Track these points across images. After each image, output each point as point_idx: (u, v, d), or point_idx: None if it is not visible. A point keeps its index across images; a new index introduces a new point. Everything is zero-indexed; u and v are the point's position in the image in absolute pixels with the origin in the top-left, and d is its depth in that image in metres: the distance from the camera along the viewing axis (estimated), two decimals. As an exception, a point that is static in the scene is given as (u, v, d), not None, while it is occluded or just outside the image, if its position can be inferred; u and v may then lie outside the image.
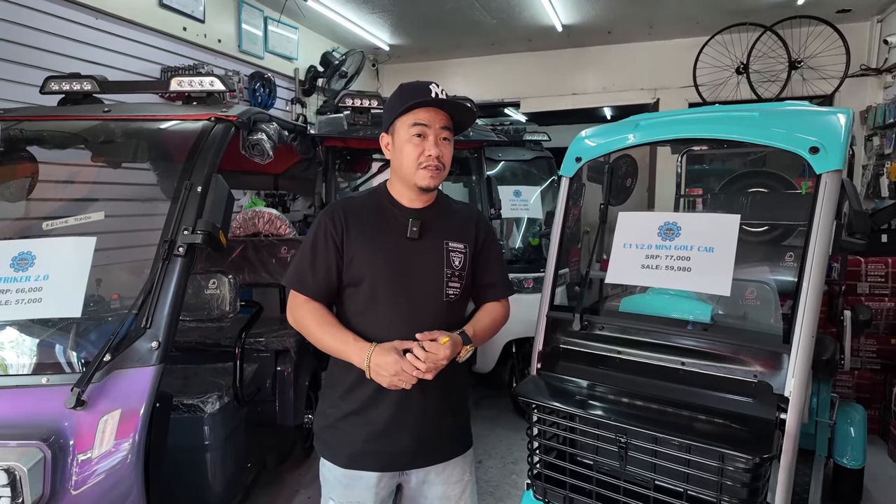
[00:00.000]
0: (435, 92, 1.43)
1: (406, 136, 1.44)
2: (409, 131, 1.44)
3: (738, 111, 1.99)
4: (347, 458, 1.49)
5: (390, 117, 1.48)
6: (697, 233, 1.76)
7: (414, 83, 1.48)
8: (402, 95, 1.47)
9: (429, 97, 1.42)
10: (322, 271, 1.47)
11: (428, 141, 1.44)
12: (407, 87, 1.48)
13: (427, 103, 1.43)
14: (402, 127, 1.45)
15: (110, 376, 1.61)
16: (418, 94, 1.43)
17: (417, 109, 1.43)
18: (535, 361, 1.93)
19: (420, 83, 1.46)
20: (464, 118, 1.51)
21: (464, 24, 5.30)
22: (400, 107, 1.43)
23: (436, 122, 1.44)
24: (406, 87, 1.48)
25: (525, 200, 4.50)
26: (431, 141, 1.44)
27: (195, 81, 2.28)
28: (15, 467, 1.42)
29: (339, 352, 1.44)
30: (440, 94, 1.44)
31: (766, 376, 1.54)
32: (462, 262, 1.53)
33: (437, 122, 1.44)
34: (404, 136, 1.45)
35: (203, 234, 1.75)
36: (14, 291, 1.68)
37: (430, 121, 1.44)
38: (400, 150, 1.46)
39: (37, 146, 2.24)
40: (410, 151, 1.44)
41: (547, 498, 1.76)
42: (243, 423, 2.67)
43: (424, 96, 1.42)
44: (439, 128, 1.45)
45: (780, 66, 5.03)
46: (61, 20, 3.15)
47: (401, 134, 1.46)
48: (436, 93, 1.43)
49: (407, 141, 1.44)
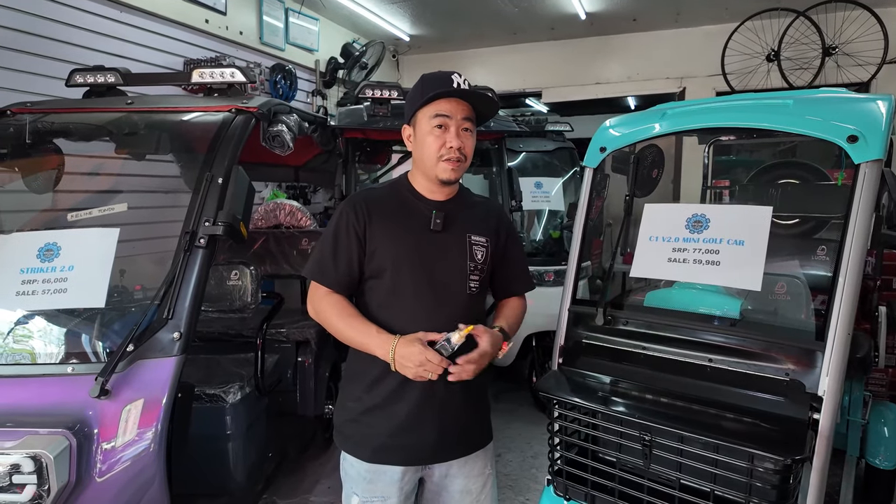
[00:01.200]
0: (457, 82, 1.41)
1: (427, 127, 1.43)
2: (431, 122, 1.42)
3: (771, 99, 1.91)
4: (371, 452, 1.48)
5: (412, 109, 1.47)
6: (727, 225, 1.70)
7: (436, 73, 1.45)
8: (423, 86, 1.44)
9: (450, 87, 1.40)
10: (344, 263, 1.45)
11: (449, 132, 1.42)
12: (429, 77, 1.46)
13: (448, 94, 1.40)
14: (424, 118, 1.43)
15: (133, 366, 1.63)
16: (440, 85, 1.41)
17: (439, 100, 1.41)
18: (556, 356, 1.90)
19: (442, 73, 1.44)
20: (486, 109, 1.49)
21: (485, 13, 5.22)
22: (421, 98, 1.42)
23: (457, 112, 1.42)
24: (428, 78, 1.46)
25: (546, 192, 4.44)
26: (453, 132, 1.42)
27: (216, 73, 2.29)
28: (41, 454, 1.44)
29: (362, 344, 1.43)
30: (462, 84, 1.42)
31: (798, 374, 1.49)
32: (484, 256, 1.51)
33: (458, 113, 1.42)
34: (426, 128, 1.43)
35: (224, 225, 1.75)
36: (41, 282, 1.71)
37: (452, 112, 1.42)
38: (421, 142, 1.45)
39: (62, 138, 2.28)
40: (432, 143, 1.42)
41: (568, 495, 1.73)
42: (264, 412, 2.70)
43: (446, 87, 1.40)
44: (461, 118, 1.43)
45: (813, 53, 4.85)
46: (86, 13, 3.18)
47: (422, 125, 1.44)
48: (458, 83, 1.41)
49: (428, 132, 1.43)
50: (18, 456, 1.44)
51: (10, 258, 1.75)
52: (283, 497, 2.94)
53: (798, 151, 3.75)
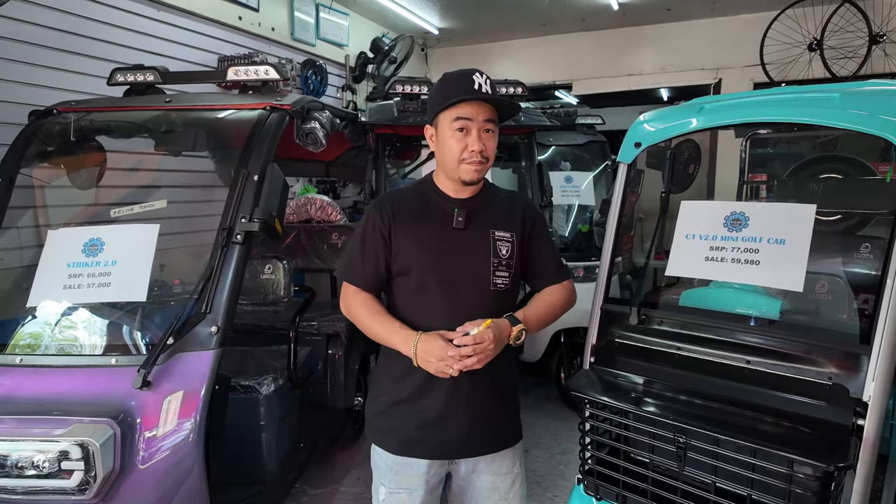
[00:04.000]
0: (478, 83, 1.41)
1: (449, 130, 1.43)
2: (452, 126, 1.42)
3: (815, 92, 1.84)
4: (398, 444, 1.51)
5: (433, 110, 1.47)
6: (767, 224, 1.65)
7: (456, 74, 1.45)
8: (444, 89, 1.45)
9: (472, 91, 1.40)
10: (371, 263, 1.49)
11: (471, 135, 1.42)
12: (450, 78, 1.47)
13: (469, 99, 1.41)
14: (445, 121, 1.44)
15: (173, 359, 1.68)
16: (461, 88, 1.41)
17: (460, 104, 1.41)
18: (587, 355, 1.88)
19: (463, 74, 1.43)
20: (508, 108, 1.50)
21: (515, 5, 5.17)
22: (443, 102, 1.42)
23: (479, 115, 1.42)
24: (449, 79, 1.47)
25: (576, 186, 4.38)
26: (474, 135, 1.42)
27: (250, 71, 2.32)
28: (89, 442, 1.51)
29: (387, 339, 1.47)
30: (484, 86, 1.41)
31: (841, 378, 1.44)
32: (509, 251, 1.51)
33: (480, 116, 1.42)
34: (447, 131, 1.44)
35: (260, 222, 1.79)
36: (86, 276, 1.77)
37: (473, 114, 1.42)
38: (443, 144, 1.46)
39: (104, 136, 2.35)
40: (453, 146, 1.43)
41: (599, 494, 1.72)
42: (297, 404, 2.75)
43: (467, 91, 1.40)
44: (482, 121, 1.43)
45: (858, 41, 4.64)
46: (126, 13, 3.27)
47: (444, 128, 1.45)
48: (479, 84, 1.41)
49: (450, 135, 1.43)
50: (67, 443, 1.51)
51: (57, 253, 1.82)
52: (313, 487, 3.00)
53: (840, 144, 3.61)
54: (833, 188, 3.08)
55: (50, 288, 1.78)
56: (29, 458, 1.51)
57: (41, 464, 1.51)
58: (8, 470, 1.52)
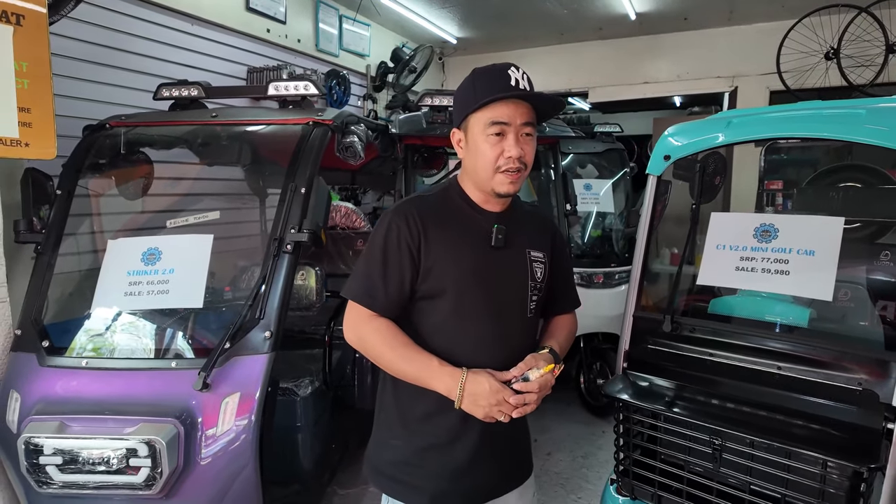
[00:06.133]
0: (515, 79, 1.21)
1: (482, 135, 1.24)
2: (487, 130, 1.23)
3: (841, 108, 1.91)
4: (430, 497, 1.31)
5: (463, 112, 1.28)
6: (797, 235, 1.73)
7: (489, 69, 1.25)
8: (476, 86, 1.25)
9: (509, 88, 1.21)
10: (395, 283, 1.26)
11: (508, 140, 1.23)
12: (482, 74, 1.26)
13: (507, 97, 1.21)
14: (478, 124, 1.25)
15: (230, 362, 1.78)
16: (496, 85, 1.21)
17: (495, 104, 1.22)
18: (620, 360, 1.96)
19: (496, 69, 1.24)
20: (549, 107, 1.31)
21: (533, 15, 5.25)
22: (475, 102, 1.23)
23: (517, 117, 1.23)
24: (481, 75, 1.26)
25: (595, 194, 4.45)
26: (512, 140, 1.23)
27: (290, 86, 2.42)
28: (155, 440, 1.61)
29: (419, 378, 1.24)
30: (522, 81, 1.22)
31: (871, 384, 1.51)
32: (542, 274, 1.38)
33: (518, 118, 1.23)
34: (480, 136, 1.25)
35: (309, 232, 1.88)
36: (145, 283, 1.88)
37: (511, 117, 1.22)
38: (475, 150, 1.26)
39: (151, 149, 2.46)
40: (487, 152, 1.24)
41: (634, 494, 1.79)
42: (330, 406, 2.84)
43: (504, 88, 1.21)
44: (521, 124, 1.23)
45: (875, 50, 4.68)
46: (162, 27, 3.39)
47: (475, 132, 1.26)
48: (516, 80, 1.21)
49: (483, 140, 1.24)
50: (135, 441, 1.61)
51: (117, 261, 1.93)
52: (343, 487, 3.09)
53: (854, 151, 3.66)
54: (852, 197, 3.14)
55: (112, 294, 1.89)
56: (99, 456, 1.61)
57: (111, 460, 1.61)
58: (80, 466, 1.62)
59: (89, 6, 2.87)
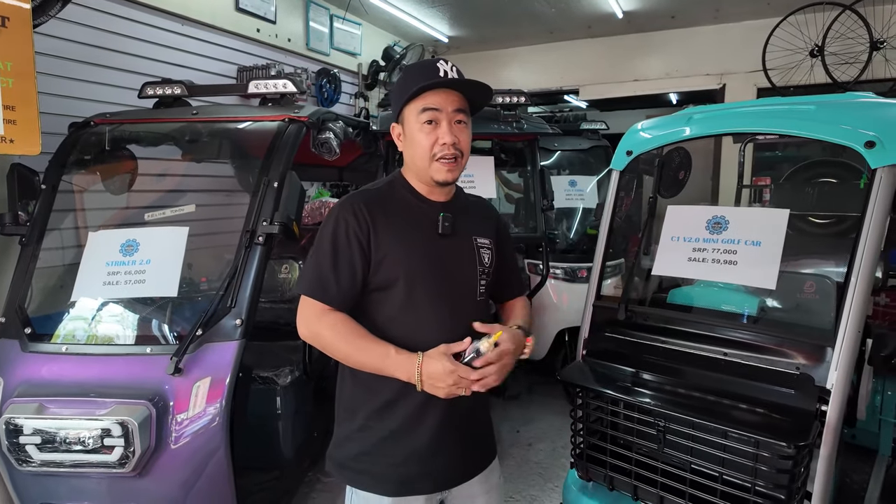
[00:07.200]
0: (443, 70, 1.26)
1: (416, 124, 1.29)
2: (419, 119, 1.28)
3: (795, 104, 1.97)
4: (397, 485, 1.33)
5: (398, 105, 1.32)
6: (745, 227, 1.79)
7: (420, 63, 1.33)
8: (407, 79, 1.30)
9: (436, 78, 1.25)
10: (346, 276, 1.28)
11: (441, 127, 1.27)
12: (413, 68, 1.33)
13: (435, 85, 1.26)
14: (411, 114, 1.29)
15: (201, 349, 1.86)
16: (425, 76, 1.26)
17: (426, 93, 1.27)
18: (580, 348, 2.03)
19: (426, 63, 1.29)
20: (480, 97, 1.35)
21: (522, 14, 5.32)
22: (406, 92, 1.27)
23: (448, 105, 1.28)
24: (411, 69, 1.33)
25: (581, 190, 4.51)
26: (445, 127, 1.27)
27: (269, 84, 2.50)
28: (128, 421, 1.69)
29: (378, 367, 1.27)
30: (450, 72, 1.26)
31: (808, 369, 1.57)
32: (490, 259, 1.43)
33: (449, 105, 1.28)
34: (414, 125, 1.29)
35: (280, 225, 1.96)
36: (123, 273, 1.96)
37: (442, 104, 1.27)
38: (412, 141, 1.31)
39: (135, 145, 2.55)
40: (423, 140, 1.28)
41: (589, 476, 1.86)
42: (311, 396, 2.92)
43: (431, 77, 1.25)
44: (452, 111, 1.28)
45: (859, 48, 4.73)
46: (152, 28, 3.47)
47: (410, 122, 1.30)
48: (444, 70, 1.26)
49: (418, 130, 1.28)
50: (109, 422, 1.69)
51: (97, 252, 2.01)
52: (326, 475, 3.17)
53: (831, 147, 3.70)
54: (824, 193, 3.20)
55: (91, 284, 1.97)
56: (76, 435, 1.70)
57: (86, 440, 1.69)
58: (57, 445, 1.71)
59: (80, 7, 2.95)
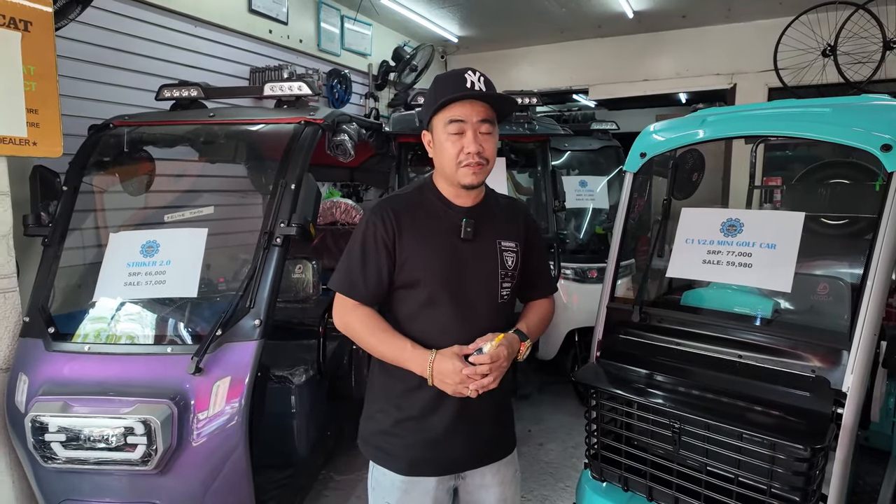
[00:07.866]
0: (470, 81, 1.34)
1: (444, 133, 1.37)
2: (447, 129, 1.36)
3: (810, 106, 1.97)
4: (408, 464, 1.46)
5: (427, 114, 1.42)
6: (760, 229, 1.80)
7: (448, 74, 1.39)
8: (436, 90, 1.38)
9: (463, 90, 1.33)
10: (373, 275, 1.41)
11: (466, 137, 1.36)
12: (441, 79, 1.40)
13: (461, 97, 1.34)
14: (439, 124, 1.38)
15: (221, 348, 1.89)
16: (452, 88, 1.34)
17: (453, 104, 1.35)
18: (594, 350, 2.04)
19: (454, 74, 1.36)
20: (504, 107, 1.44)
21: (532, 14, 5.32)
22: (434, 103, 1.37)
23: (473, 115, 1.36)
24: (440, 80, 1.40)
25: (591, 190, 4.52)
26: (470, 136, 1.36)
27: (285, 87, 2.53)
28: (150, 420, 1.72)
29: (396, 359, 1.40)
30: (477, 83, 1.34)
31: (824, 371, 1.58)
32: (514, 262, 1.49)
33: (474, 116, 1.36)
34: (442, 134, 1.38)
35: (297, 226, 1.99)
36: (144, 274, 1.99)
37: (467, 115, 1.35)
38: (440, 148, 1.40)
39: (153, 147, 2.58)
40: (449, 149, 1.37)
41: (603, 477, 1.88)
42: (325, 395, 2.95)
43: (458, 89, 1.33)
44: (477, 121, 1.36)
45: (872, 47, 4.69)
46: (166, 30, 3.51)
47: (438, 131, 1.39)
48: (471, 82, 1.34)
49: (445, 139, 1.37)
50: (132, 420, 1.73)
51: (118, 253, 2.05)
52: (339, 473, 3.20)
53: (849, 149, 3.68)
54: (837, 194, 3.18)
55: (113, 284, 2.01)
56: (100, 433, 1.73)
57: (110, 438, 1.73)
58: (82, 443, 1.74)
59: (98, 10, 2.99)
